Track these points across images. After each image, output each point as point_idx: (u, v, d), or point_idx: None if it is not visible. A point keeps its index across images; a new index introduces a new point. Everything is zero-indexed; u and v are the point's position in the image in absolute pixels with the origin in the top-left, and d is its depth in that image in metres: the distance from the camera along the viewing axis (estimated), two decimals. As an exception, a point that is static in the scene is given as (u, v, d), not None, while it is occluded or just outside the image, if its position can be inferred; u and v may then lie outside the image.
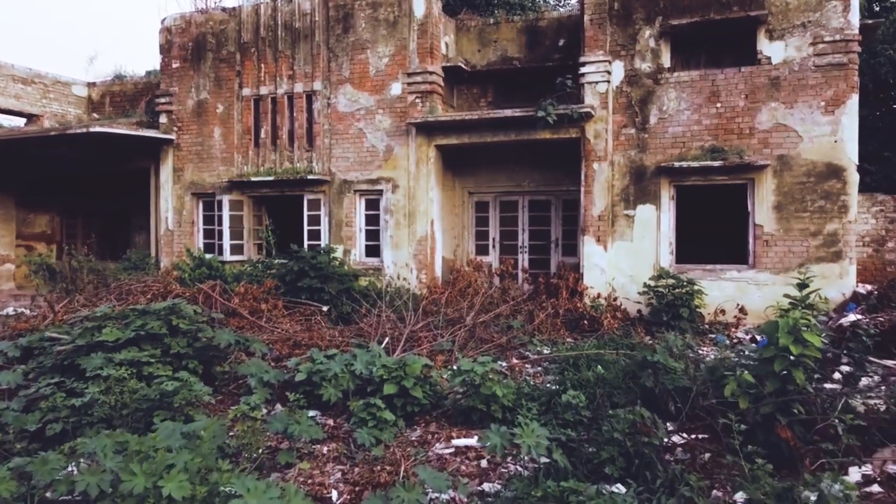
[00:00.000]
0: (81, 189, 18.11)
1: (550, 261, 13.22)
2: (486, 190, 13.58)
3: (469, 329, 9.07)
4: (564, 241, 13.12)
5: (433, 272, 12.61)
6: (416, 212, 12.44)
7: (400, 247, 12.59)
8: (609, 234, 11.31)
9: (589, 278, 11.32)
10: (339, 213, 13.07)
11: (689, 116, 10.90)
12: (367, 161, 12.83)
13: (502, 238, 13.61)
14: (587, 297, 11.11)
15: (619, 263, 11.28)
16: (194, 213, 14.43)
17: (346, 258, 12.98)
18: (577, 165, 11.74)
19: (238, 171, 13.88)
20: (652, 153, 11.11)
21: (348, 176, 12.99)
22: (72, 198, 18.37)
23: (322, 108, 13.15)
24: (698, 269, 10.93)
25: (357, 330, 9.42)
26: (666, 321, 10.05)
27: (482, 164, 13.46)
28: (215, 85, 14.08)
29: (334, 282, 11.77)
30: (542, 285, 11.75)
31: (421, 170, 12.42)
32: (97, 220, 19.50)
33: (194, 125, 14.30)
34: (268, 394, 6.63)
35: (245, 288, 11.06)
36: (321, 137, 13.16)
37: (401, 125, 12.54)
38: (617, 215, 11.32)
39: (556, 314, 10.69)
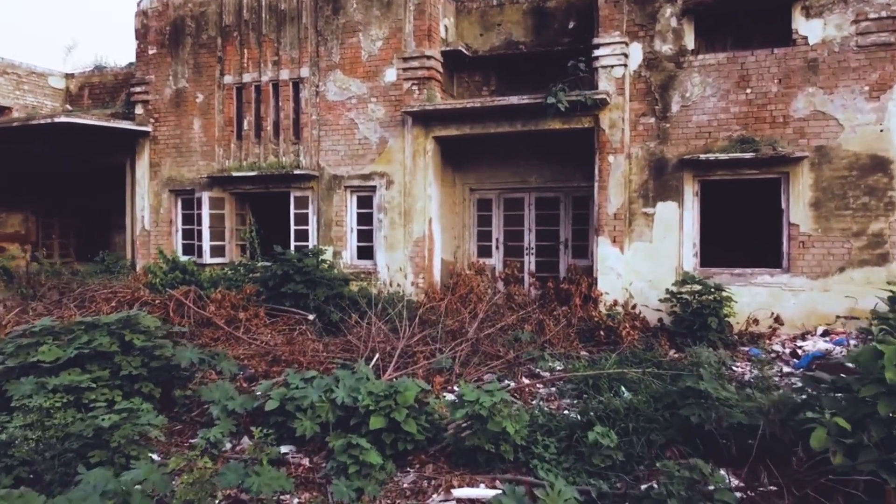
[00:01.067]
0: (58, 187, 17.09)
1: (559, 263, 12.19)
2: (488, 186, 12.55)
3: (472, 342, 8.03)
4: (575, 241, 12.09)
5: (431, 276, 11.58)
6: (413, 210, 11.41)
7: (395, 248, 11.56)
8: (626, 235, 10.27)
9: (604, 283, 10.28)
10: (328, 212, 12.04)
11: (715, 104, 9.87)
12: (359, 154, 11.80)
13: (507, 239, 12.58)
14: (602, 304, 10.08)
15: (637, 267, 10.25)
16: (172, 211, 13.39)
17: (335, 261, 11.95)
18: (590, 159, 10.71)
19: (219, 166, 12.85)
20: (674, 144, 10.08)
21: (338, 171, 11.95)
22: (48, 196, 17.33)
23: (310, 97, 12.12)
24: (726, 273, 9.90)
25: (344, 343, 8.38)
26: (692, 332, 9.02)
27: (485, 158, 12.43)
28: (195, 72, 13.04)
29: (322, 287, 10.74)
30: (551, 291, 10.72)
31: (418, 164, 11.39)
32: (75, 220, 18.47)
33: (172, 116, 13.26)
34: (232, 425, 5.59)
35: (222, 294, 10.04)
36: (309, 129, 12.13)
37: (396, 115, 11.51)
38: (635, 213, 10.29)
39: (569, 324, 9.67)
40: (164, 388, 6.44)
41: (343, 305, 10.57)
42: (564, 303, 10.40)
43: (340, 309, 10.30)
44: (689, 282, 9.40)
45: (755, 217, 10.99)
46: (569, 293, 10.34)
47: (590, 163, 10.78)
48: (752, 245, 11.10)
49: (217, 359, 6.62)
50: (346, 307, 10.66)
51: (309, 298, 10.52)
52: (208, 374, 7.07)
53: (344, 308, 10.52)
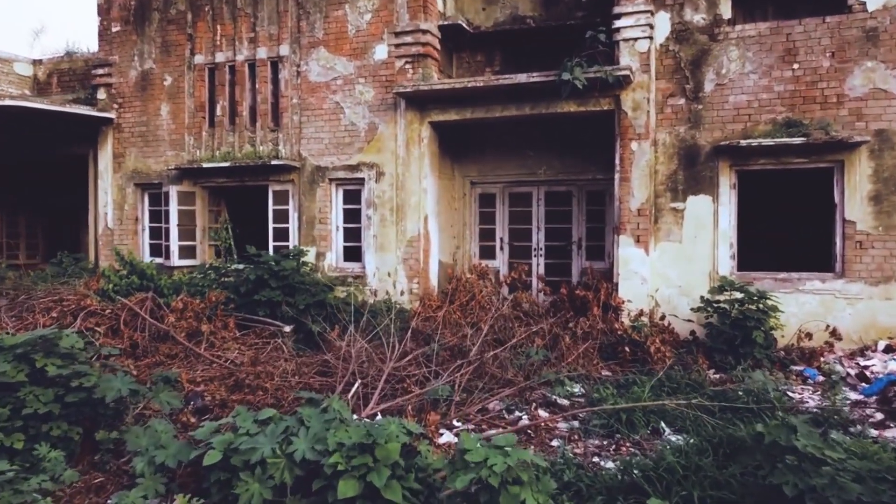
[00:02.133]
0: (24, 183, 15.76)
1: (572, 266, 10.89)
2: (492, 179, 11.25)
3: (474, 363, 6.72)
4: (589, 241, 10.79)
5: (427, 281, 10.28)
6: (407, 205, 10.11)
7: (386, 249, 10.25)
8: (651, 234, 8.97)
9: (626, 290, 8.98)
10: (311, 208, 10.72)
11: (756, 82, 8.57)
12: (346, 143, 10.49)
13: (512, 238, 11.28)
14: (625, 314, 8.77)
15: (664, 270, 8.95)
16: (138, 207, 12.08)
17: (319, 263, 10.64)
18: (608, 147, 9.42)
19: (189, 157, 11.53)
20: (707, 129, 8.78)
21: (322, 161, 10.64)
22: (12, 193, 16.00)
23: (290, 78, 10.80)
24: (768, 278, 8.60)
25: (321, 363, 7.06)
26: (733, 348, 7.73)
27: (488, 148, 11.13)
28: (162, 52, 11.72)
29: (302, 294, 9.46)
30: (564, 298, 9.41)
31: (412, 153, 10.08)
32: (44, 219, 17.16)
33: (137, 101, 11.95)
34: (162, 483, 4.30)
35: (184, 303, 8.72)
36: (289, 114, 10.81)
37: (387, 97, 10.20)
38: (662, 209, 8.99)
39: (587, 337, 8.37)
40: (87, 427, 5.14)
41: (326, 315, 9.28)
42: (580, 312, 9.10)
43: (323, 319, 9.00)
44: (727, 288, 8.10)
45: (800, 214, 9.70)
46: (585, 301, 9.04)
47: (607, 152, 9.49)
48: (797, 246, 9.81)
49: (155, 389, 5.30)
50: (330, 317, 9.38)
51: (288, 306, 9.24)
52: (150, 404, 5.78)
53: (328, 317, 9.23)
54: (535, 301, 9.79)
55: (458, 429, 5.61)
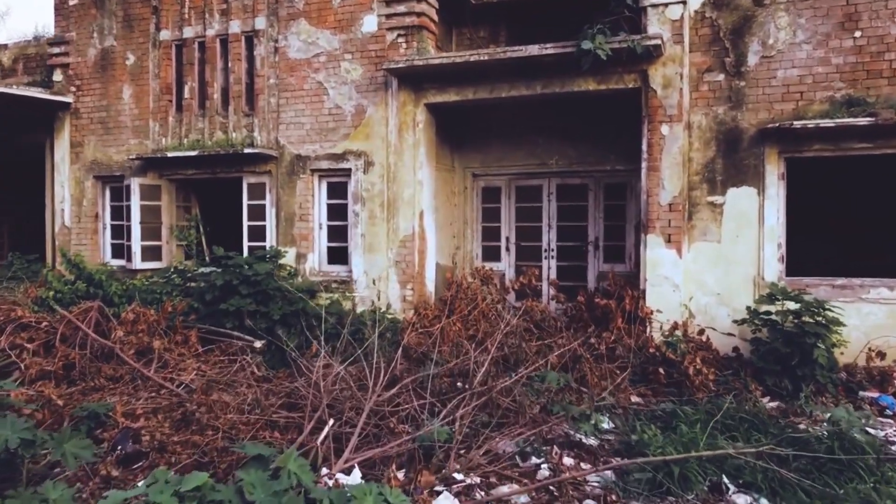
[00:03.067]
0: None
1: (588, 269, 9.64)
2: (496, 171, 10.01)
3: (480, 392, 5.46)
4: (607, 241, 9.56)
5: (423, 286, 9.02)
6: (399, 200, 8.86)
7: (376, 250, 9.00)
8: (685, 233, 7.73)
9: (654, 298, 7.73)
10: (290, 203, 9.47)
11: (809, 53, 7.33)
12: (330, 128, 9.23)
13: (520, 238, 10.03)
14: (655, 326, 7.53)
15: (700, 275, 7.70)
16: (98, 203, 10.82)
17: (299, 266, 9.39)
18: (631, 133, 8.19)
19: (154, 145, 10.27)
20: (751, 109, 7.53)
21: (303, 150, 9.38)
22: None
23: (267, 55, 9.55)
24: (823, 284, 7.36)
25: (289, 393, 5.79)
26: (788, 369, 6.48)
27: (492, 134, 9.89)
28: (124, 26, 10.46)
29: (278, 302, 8.23)
30: (581, 307, 8.16)
31: (405, 140, 8.83)
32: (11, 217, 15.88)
33: (97, 83, 10.69)
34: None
35: (136, 313, 7.48)
36: (265, 96, 9.56)
37: (376, 76, 8.94)
38: (697, 204, 7.74)
39: (612, 354, 7.12)
40: (-36, 488, 3.89)
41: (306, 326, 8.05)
42: (601, 324, 7.85)
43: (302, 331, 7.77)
44: (778, 297, 6.85)
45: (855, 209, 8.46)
46: (607, 311, 7.79)
47: (629, 138, 8.27)
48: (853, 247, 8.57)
49: (59, 437, 4.03)
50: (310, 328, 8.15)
51: (261, 317, 8.00)
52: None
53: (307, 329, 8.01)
54: (548, 310, 8.53)
55: (459, 483, 4.36)
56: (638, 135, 8.05)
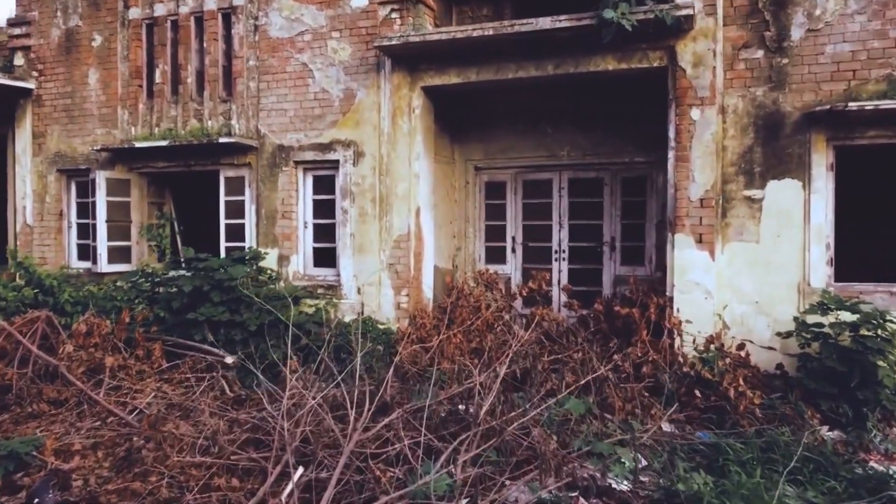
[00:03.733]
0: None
1: (603, 273, 8.72)
2: (502, 163, 9.09)
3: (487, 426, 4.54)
4: (625, 241, 8.65)
5: (419, 292, 8.11)
6: (393, 195, 7.93)
7: (366, 251, 8.08)
8: (718, 231, 6.81)
9: (683, 306, 6.82)
10: (271, 199, 8.54)
11: (863, 25, 6.41)
12: (315, 115, 8.31)
13: (527, 237, 9.12)
14: (685, 338, 6.61)
15: (735, 281, 6.78)
16: (63, 199, 9.89)
17: (281, 270, 8.46)
18: (652, 119, 7.31)
19: (122, 135, 9.34)
20: (795, 90, 6.62)
21: (285, 139, 8.46)
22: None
23: (246, 34, 8.62)
24: (879, 291, 6.45)
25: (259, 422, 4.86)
26: (847, 391, 5.56)
27: (497, 122, 8.99)
28: (90, 4, 9.54)
29: (255, 310, 7.32)
30: (599, 316, 7.24)
31: (400, 128, 7.91)
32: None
33: (61, 67, 9.76)
34: None
35: (89, 325, 6.56)
36: (244, 79, 8.63)
37: (367, 56, 8.03)
38: (731, 198, 6.82)
39: (637, 373, 6.21)
40: None
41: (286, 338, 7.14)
42: (622, 336, 6.94)
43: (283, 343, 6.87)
44: (830, 306, 5.93)
45: None
46: (629, 321, 6.87)
47: (650, 125, 7.40)
48: None
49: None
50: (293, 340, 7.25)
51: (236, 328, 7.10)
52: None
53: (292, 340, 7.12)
54: (559, 318, 7.61)
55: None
56: (663, 121, 7.14)
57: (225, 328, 7.22)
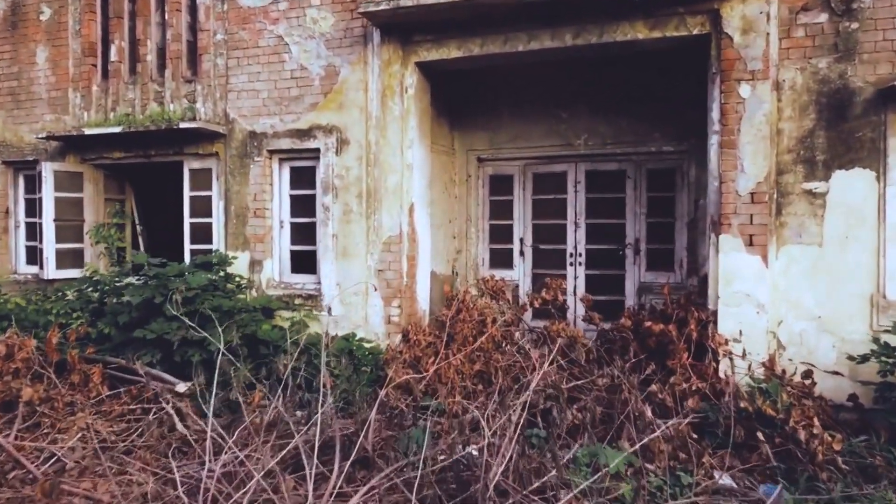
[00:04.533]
0: None
1: (626, 280, 7.63)
2: (509, 153, 8.00)
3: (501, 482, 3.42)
4: (651, 243, 7.56)
5: (413, 303, 6.99)
6: (382, 189, 6.82)
7: (351, 255, 6.96)
8: (772, 232, 5.70)
9: (730, 321, 5.71)
10: (241, 194, 7.43)
11: (952, -19, 5.30)
12: (292, 96, 7.19)
13: (538, 239, 8.03)
14: (735, 362, 5.49)
15: (793, 292, 5.67)
16: (9, 195, 8.77)
17: (253, 276, 7.35)
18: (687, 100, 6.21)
19: (74, 121, 8.22)
20: (866, 62, 5.51)
21: (258, 125, 7.35)
22: None
23: (213, 3, 7.51)
24: (971, 304, 5.33)
25: (196, 481, 3.75)
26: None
27: (503, 106, 7.91)
28: (38, -27, 8.42)
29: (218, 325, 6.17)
30: (626, 333, 6.12)
31: (391, 110, 6.79)
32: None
33: (7, 45, 8.64)
34: None
35: (9, 346, 5.43)
36: (212, 56, 7.52)
37: (353, 26, 6.91)
38: (788, 192, 5.71)
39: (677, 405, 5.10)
40: None
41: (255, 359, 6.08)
42: (655, 356, 5.83)
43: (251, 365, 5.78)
44: (919, 325, 4.82)
45: None
46: (664, 340, 5.76)
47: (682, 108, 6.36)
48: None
49: None
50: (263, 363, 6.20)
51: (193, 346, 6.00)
52: None
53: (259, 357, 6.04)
54: (579, 336, 6.49)
55: None
56: (699, 102, 6.07)
57: (182, 347, 6.11)
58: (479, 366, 6.19)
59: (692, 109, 6.89)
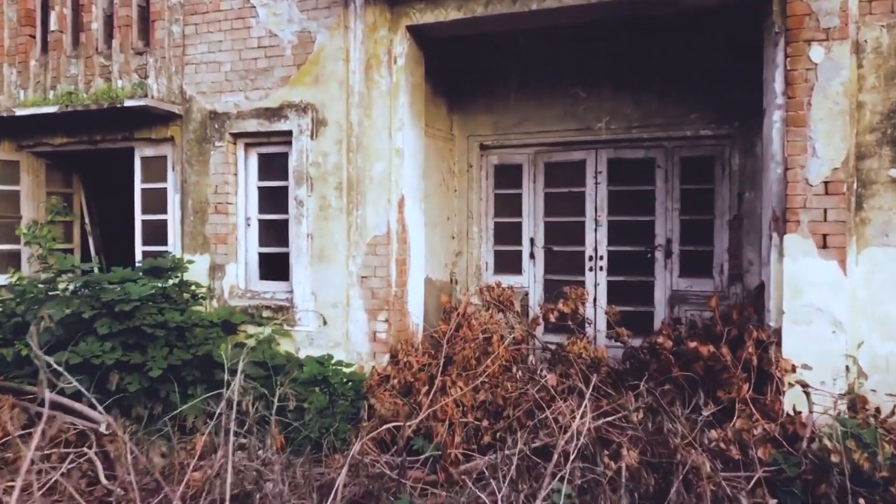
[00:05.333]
0: None
1: (655, 289, 6.51)
2: (517, 139, 6.89)
3: None
4: (685, 244, 6.45)
5: (404, 316, 5.87)
6: (367, 180, 5.70)
7: (330, 259, 5.83)
8: (852, 231, 4.59)
9: (797, 343, 4.60)
10: (201, 186, 6.30)
11: None
12: (260, 69, 6.07)
13: (550, 239, 6.92)
14: (810, 399, 4.38)
15: (878, 305, 4.57)
16: (-61, 188, 7.62)
17: (214, 283, 6.22)
18: (734, 72, 5.09)
19: (9, 101, 7.09)
20: (973, 17, 4.39)
21: (220, 103, 6.22)
22: None
23: (167, -40, 6.39)
24: None
25: None
26: None
27: (512, 84, 6.83)
28: (-31, -71, 7.28)
29: (164, 345, 5.11)
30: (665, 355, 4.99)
31: (376, 84, 5.67)
32: None
33: (-65, 14, 7.50)
34: None
35: None
36: (166, 23, 6.40)
37: (331, -16, 5.80)
38: (872, 181, 4.60)
39: (742, 454, 3.99)
40: None
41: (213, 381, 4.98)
42: (703, 385, 4.70)
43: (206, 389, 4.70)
44: None
45: None
46: (715, 365, 4.64)
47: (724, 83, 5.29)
48: None
49: None
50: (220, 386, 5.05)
51: (130, 374, 4.89)
52: None
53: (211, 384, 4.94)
54: (603, 356, 5.38)
55: None
56: (749, 76, 4.96)
57: (118, 373, 4.98)
58: (483, 395, 5.07)
59: (736, 87, 5.83)
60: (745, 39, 5.22)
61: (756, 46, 4.99)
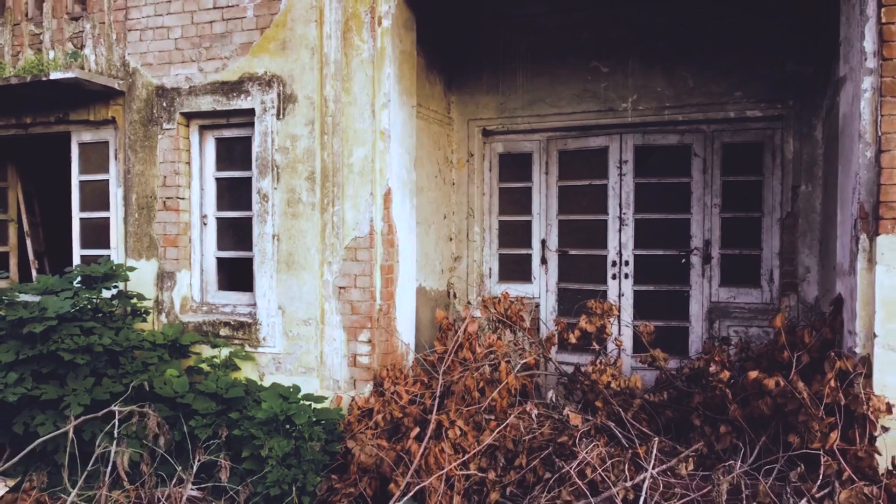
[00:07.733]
0: None
1: (690, 300, 5.51)
2: (526, 123, 5.89)
3: None
4: (726, 248, 5.46)
5: (391, 336, 4.86)
6: (345, 168, 4.69)
7: (300, 265, 4.81)
8: (965, 231, 3.59)
9: (892, 372, 3.58)
10: (147, 177, 5.28)
11: None
12: (217, 34, 5.05)
13: (566, 241, 5.91)
14: None
15: None
16: None
17: (163, 295, 5.20)
18: (788, 44, 4.08)
19: (-74, 80, 6.05)
20: None
21: (169, 77, 5.20)
22: None
23: None
24: None
25: None
26: None
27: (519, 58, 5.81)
28: None
29: (87, 374, 4.08)
30: (719, 386, 3.99)
31: (356, 50, 4.66)
32: None
33: None
34: None
35: None
36: (105, -19, 5.38)
37: (301, -72, 4.78)
38: None
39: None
40: None
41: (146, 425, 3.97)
42: (767, 426, 3.72)
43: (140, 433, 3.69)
44: None
45: None
46: (785, 404, 3.63)
47: (774, 56, 4.25)
48: None
49: None
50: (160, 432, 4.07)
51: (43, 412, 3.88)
52: None
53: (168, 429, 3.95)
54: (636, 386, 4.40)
55: None
56: (814, 34, 3.95)
57: (29, 411, 3.97)
58: (488, 437, 4.07)
59: (791, 58, 4.87)
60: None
61: (817, 5, 4.01)
